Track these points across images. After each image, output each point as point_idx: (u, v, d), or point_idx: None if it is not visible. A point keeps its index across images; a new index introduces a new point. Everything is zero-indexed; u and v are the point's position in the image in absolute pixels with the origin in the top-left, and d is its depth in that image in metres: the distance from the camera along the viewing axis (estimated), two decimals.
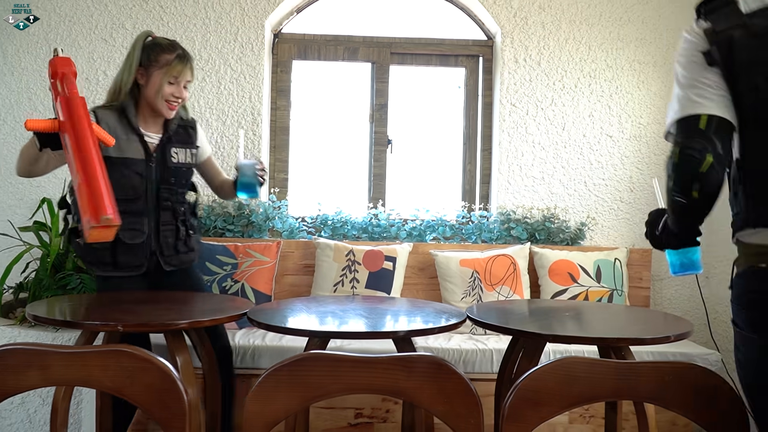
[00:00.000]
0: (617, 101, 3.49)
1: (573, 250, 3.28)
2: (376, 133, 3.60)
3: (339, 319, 2.03)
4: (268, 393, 1.37)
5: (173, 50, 2.25)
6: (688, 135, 1.31)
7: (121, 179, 2.19)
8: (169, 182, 2.31)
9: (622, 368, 1.36)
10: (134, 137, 2.25)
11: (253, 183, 2.38)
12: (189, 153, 2.39)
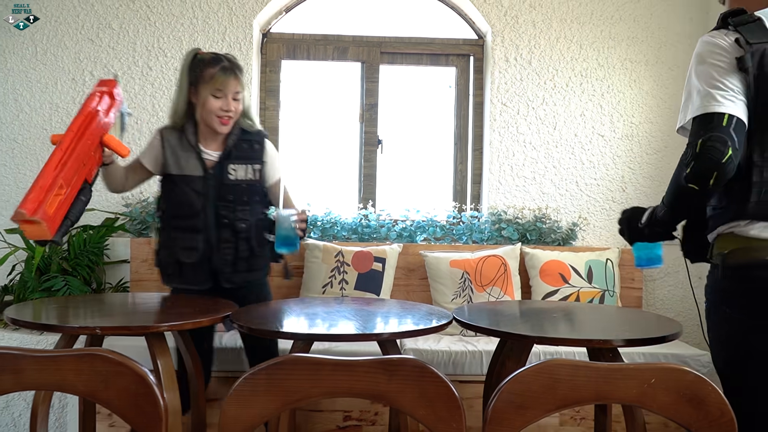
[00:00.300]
0: (609, 100, 3.46)
1: (564, 250, 3.25)
2: (366, 133, 3.57)
3: (324, 321, 1.99)
4: (245, 397, 1.33)
5: (217, 63, 2.20)
6: (711, 129, 1.41)
7: (181, 196, 2.21)
8: (227, 199, 2.23)
9: (606, 371, 1.33)
10: (192, 154, 2.23)
11: (291, 237, 2.12)
12: (250, 169, 2.27)
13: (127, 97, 3.36)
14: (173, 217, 2.26)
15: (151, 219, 3.29)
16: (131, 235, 3.30)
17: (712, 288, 1.61)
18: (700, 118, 1.46)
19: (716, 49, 1.50)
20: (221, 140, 2.26)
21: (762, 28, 1.47)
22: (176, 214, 2.24)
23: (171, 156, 2.24)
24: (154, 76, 3.37)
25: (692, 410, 1.31)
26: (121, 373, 1.37)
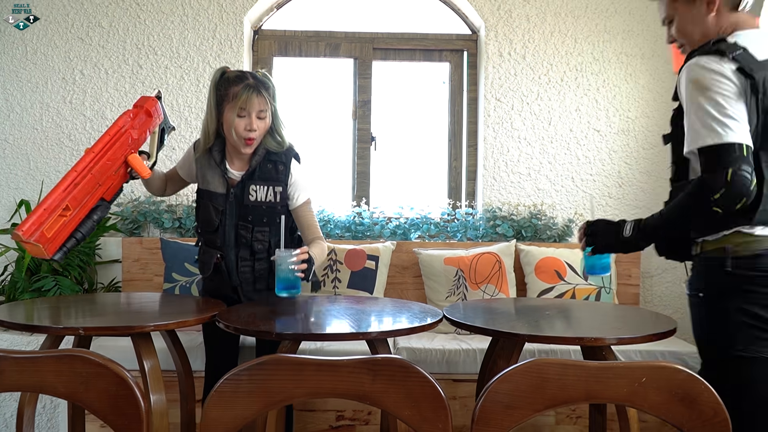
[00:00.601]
0: (604, 95, 3.42)
1: (560, 247, 3.21)
2: (359, 130, 3.54)
3: (312, 320, 1.96)
4: (226, 399, 1.30)
5: (241, 81, 2.14)
6: (737, 159, 1.55)
7: (204, 212, 2.25)
8: (246, 219, 2.23)
9: (595, 370, 1.30)
10: (218, 172, 2.24)
11: (291, 280, 2.01)
12: (272, 191, 2.22)
13: (117, 96, 3.33)
14: (201, 230, 2.32)
15: (143, 218, 3.26)
16: (123, 234, 3.28)
17: (709, 282, 1.69)
18: (720, 147, 1.56)
19: (722, 78, 1.60)
20: (246, 159, 2.23)
21: (753, 57, 1.61)
22: (202, 227, 2.29)
23: (200, 170, 2.27)
24: (145, 75, 3.34)
25: (684, 409, 1.28)
26: (101, 375, 1.34)
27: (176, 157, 3.30)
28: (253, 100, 2.10)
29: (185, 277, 3.02)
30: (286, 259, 2.03)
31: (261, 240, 2.24)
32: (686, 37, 1.76)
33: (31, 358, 1.38)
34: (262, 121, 2.15)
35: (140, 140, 2.13)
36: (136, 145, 2.10)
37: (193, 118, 3.34)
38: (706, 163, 1.59)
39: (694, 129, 1.61)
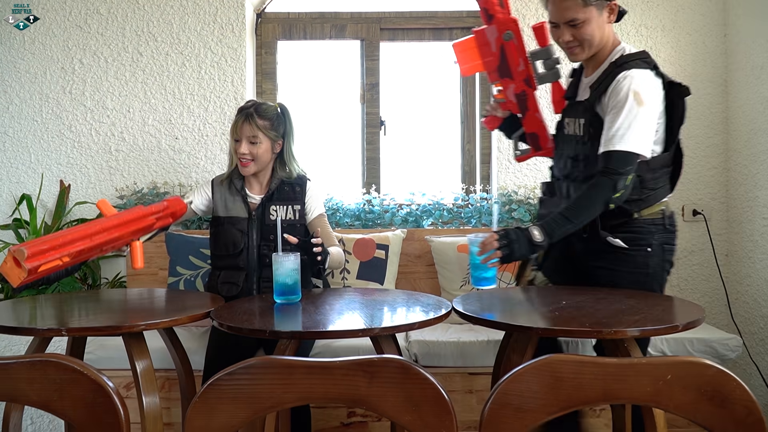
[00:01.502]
0: None
1: None
2: (367, 114, 3.41)
3: (311, 316, 1.84)
4: (210, 405, 1.19)
5: (242, 110, 2.38)
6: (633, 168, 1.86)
7: (227, 236, 2.35)
8: (268, 239, 2.35)
9: (614, 367, 1.17)
10: (239, 198, 2.40)
11: (289, 285, 1.95)
12: (291, 209, 2.38)
13: (118, 85, 3.24)
14: (220, 256, 2.38)
15: None
16: None
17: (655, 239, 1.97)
18: (631, 155, 1.84)
19: (658, 93, 1.91)
20: (264, 184, 2.43)
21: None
22: (222, 253, 2.36)
23: (220, 200, 2.41)
24: (145, 62, 3.24)
25: (714, 409, 1.15)
26: (76, 381, 1.24)
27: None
28: (244, 126, 2.32)
29: (190, 271, 2.92)
30: (284, 263, 1.94)
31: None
32: (587, 41, 1.91)
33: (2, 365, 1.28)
34: (255, 146, 2.32)
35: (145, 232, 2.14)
36: (140, 234, 2.09)
37: (196, 105, 3.24)
38: (617, 164, 1.83)
39: (619, 132, 1.82)
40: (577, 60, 2.01)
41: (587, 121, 1.95)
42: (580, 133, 1.97)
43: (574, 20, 1.89)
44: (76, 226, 1.86)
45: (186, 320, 1.82)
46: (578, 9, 1.87)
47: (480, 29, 2.17)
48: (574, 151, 2.00)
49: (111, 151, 3.24)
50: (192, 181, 3.23)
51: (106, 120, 3.24)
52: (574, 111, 2.03)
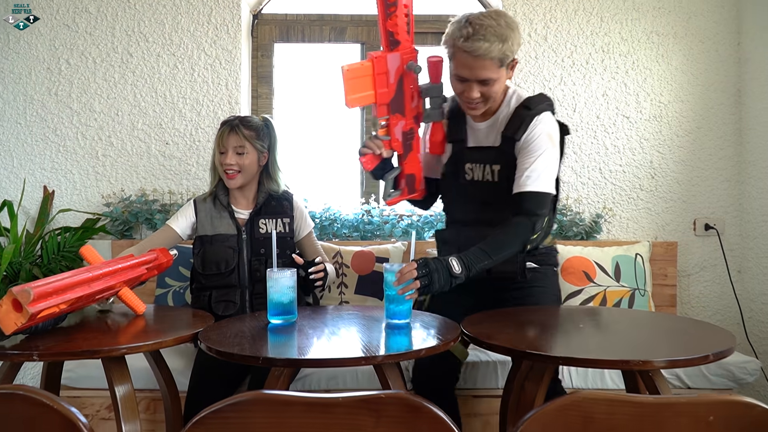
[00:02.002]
0: (634, 78, 3.13)
1: (588, 245, 2.93)
2: (367, 120, 3.27)
3: (309, 339, 1.69)
4: None
5: (226, 122, 2.32)
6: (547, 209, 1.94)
7: (216, 254, 2.26)
8: (259, 253, 2.28)
9: (651, 407, 1.03)
10: (225, 214, 2.32)
11: (285, 304, 1.82)
12: (280, 222, 2.33)
13: (107, 87, 3.09)
14: (209, 276, 2.27)
15: (134, 219, 3.01)
16: (113, 237, 3.04)
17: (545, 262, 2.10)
18: (547, 195, 1.90)
19: (558, 136, 1.97)
20: (251, 198, 2.35)
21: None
22: (213, 272, 2.26)
23: (206, 218, 2.32)
24: (135, 63, 3.09)
25: None
26: (44, 415, 1.10)
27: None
28: (230, 137, 2.26)
29: (179, 282, 2.78)
30: (279, 280, 1.81)
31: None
32: (492, 98, 1.92)
33: None
34: (242, 157, 2.26)
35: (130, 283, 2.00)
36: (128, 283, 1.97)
37: (188, 110, 3.09)
38: (535, 205, 1.85)
39: (536, 173, 1.86)
40: (475, 114, 1.97)
41: (503, 167, 1.95)
42: (493, 179, 1.97)
43: (487, 80, 1.86)
44: (72, 271, 1.72)
45: (171, 343, 1.68)
46: (494, 70, 1.85)
47: (380, 55, 1.92)
48: (485, 197, 2.00)
49: (98, 156, 3.10)
50: (183, 188, 3.09)
51: (93, 123, 3.09)
52: (481, 156, 2.00)
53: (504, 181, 1.94)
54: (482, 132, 2.02)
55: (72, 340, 1.65)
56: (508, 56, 1.85)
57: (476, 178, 1.99)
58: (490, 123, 2.00)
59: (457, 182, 2.05)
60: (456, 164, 2.03)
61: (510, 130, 1.93)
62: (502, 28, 1.82)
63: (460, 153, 2.03)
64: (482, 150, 2.00)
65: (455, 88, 1.94)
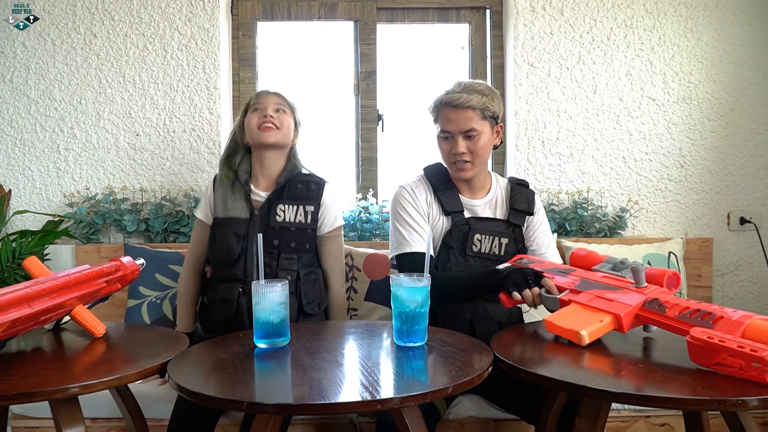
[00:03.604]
0: (660, 55, 2.81)
1: (615, 242, 2.62)
2: (362, 107, 2.93)
3: (305, 372, 1.34)
4: None
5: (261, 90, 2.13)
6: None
7: (221, 242, 1.99)
8: (271, 245, 1.97)
9: None
10: (240, 194, 2.03)
11: (273, 324, 1.48)
12: (302, 211, 2.02)
13: (68, 72, 2.73)
14: (217, 266, 2.03)
15: (101, 221, 2.66)
16: (77, 241, 2.68)
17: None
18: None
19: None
20: (273, 179, 2.06)
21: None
22: (217, 262, 2.01)
23: (220, 199, 2.05)
24: (100, 45, 2.73)
25: None
26: None
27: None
28: (269, 96, 2.06)
29: (155, 292, 2.44)
30: (267, 294, 1.48)
31: (288, 269, 1.98)
32: (479, 157, 1.90)
33: None
34: (283, 115, 2.05)
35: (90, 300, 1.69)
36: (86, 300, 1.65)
37: (160, 96, 2.74)
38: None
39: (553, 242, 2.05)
40: (464, 177, 1.95)
41: (510, 242, 1.95)
42: (499, 252, 1.94)
43: (471, 131, 1.88)
44: (7, 288, 1.40)
45: (133, 377, 1.33)
46: (477, 120, 1.88)
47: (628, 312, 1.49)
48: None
49: (59, 150, 2.73)
50: (156, 185, 2.73)
51: (54, 114, 2.73)
52: (492, 228, 1.96)
53: (507, 256, 1.93)
54: (480, 208, 1.99)
55: (7, 378, 1.30)
56: (489, 109, 1.88)
57: (484, 251, 1.94)
58: (488, 200, 2.00)
59: (460, 254, 1.94)
60: (460, 235, 1.95)
61: (521, 205, 1.99)
62: (482, 86, 1.91)
63: (466, 224, 1.95)
64: (492, 222, 1.97)
65: (442, 150, 1.96)
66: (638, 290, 1.47)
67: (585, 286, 1.58)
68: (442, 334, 1.62)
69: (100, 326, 1.63)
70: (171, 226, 2.67)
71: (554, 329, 1.48)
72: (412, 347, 1.48)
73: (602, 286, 1.55)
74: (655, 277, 1.50)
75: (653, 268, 1.53)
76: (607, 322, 1.42)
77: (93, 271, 1.64)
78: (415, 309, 1.48)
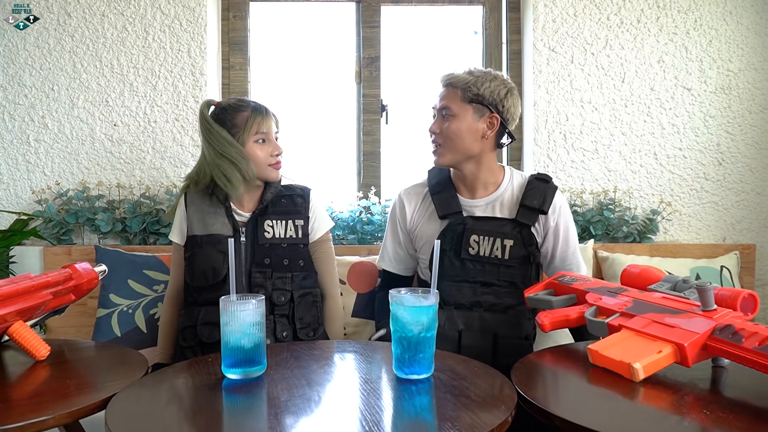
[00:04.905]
0: (696, 40, 2.52)
1: (651, 251, 2.34)
2: (365, 96, 2.66)
3: (283, 414, 1.07)
4: None
5: (246, 105, 1.83)
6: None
7: (205, 262, 1.78)
8: (262, 264, 1.79)
9: None
10: (221, 210, 1.83)
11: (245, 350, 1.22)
12: (291, 225, 1.84)
13: (39, 55, 2.46)
14: (198, 289, 1.80)
15: (73, 220, 2.39)
16: (47, 242, 2.42)
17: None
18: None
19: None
20: (257, 196, 1.87)
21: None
22: (201, 284, 1.79)
23: (195, 214, 1.84)
24: (75, 26, 2.47)
25: None
26: None
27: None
28: (269, 120, 1.84)
29: (128, 300, 2.18)
30: (238, 314, 1.22)
31: (282, 289, 1.80)
32: (451, 143, 1.73)
33: None
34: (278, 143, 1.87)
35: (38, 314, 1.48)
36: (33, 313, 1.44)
37: (140, 82, 2.47)
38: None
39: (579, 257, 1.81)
40: (437, 163, 1.80)
41: (516, 244, 1.71)
42: (502, 255, 1.70)
43: (444, 109, 1.75)
44: None
45: (65, 419, 1.07)
46: (455, 100, 1.73)
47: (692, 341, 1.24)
48: (488, 277, 1.71)
49: (29, 142, 2.47)
50: (135, 181, 2.47)
51: (23, 101, 2.47)
52: (492, 228, 1.72)
53: (513, 260, 1.70)
54: (479, 209, 1.78)
55: None
56: (471, 90, 1.71)
57: (483, 253, 1.72)
58: (491, 199, 1.78)
59: (455, 257, 1.73)
60: (454, 236, 1.74)
61: (533, 201, 1.73)
62: (479, 70, 1.75)
63: (462, 224, 1.75)
64: (494, 222, 1.74)
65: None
66: (705, 314, 1.19)
67: (639, 308, 1.30)
68: (452, 361, 1.34)
69: (42, 347, 1.37)
70: (150, 227, 2.40)
71: (600, 360, 1.21)
72: (415, 380, 1.21)
73: (660, 308, 1.27)
74: (726, 299, 1.22)
75: (724, 287, 1.25)
76: (666, 353, 1.14)
77: (35, 282, 1.38)
78: (420, 333, 1.21)
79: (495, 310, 1.69)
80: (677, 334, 1.17)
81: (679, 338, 1.16)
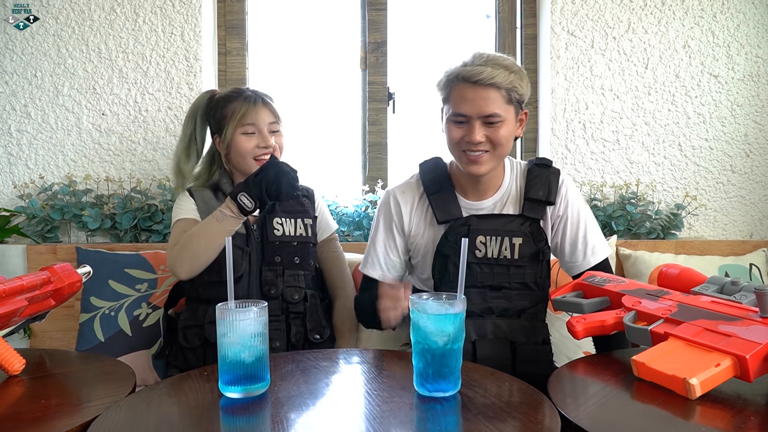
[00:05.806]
0: (724, 25, 2.37)
1: (682, 250, 2.21)
2: (371, 84, 2.50)
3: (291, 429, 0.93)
4: None
5: (238, 94, 1.76)
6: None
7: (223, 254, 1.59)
8: (273, 262, 1.73)
9: None
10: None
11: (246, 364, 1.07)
12: (301, 224, 1.78)
13: (21, 39, 2.30)
14: (207, 284, 1.70)
15: (59, 216, 2.23)
16: (30, 240, 2.26)
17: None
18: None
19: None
20: None
21: None
22: (213, 279, 1.67)
23: (205, 210, 1.76)
24: (59, 7, 2.30)
25: None
26: None
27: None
28: (260, 111, 1.73)
29: (108, 302, 2.03)
30: (238, 324, 1.07)
31: (296, 286, 1.74)
32: (500, 149, 1.52)
33: None
34: (277, 136, 1.77)
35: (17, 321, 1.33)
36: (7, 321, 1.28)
37: (130, 69, 2.31)
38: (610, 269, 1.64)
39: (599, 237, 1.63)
40: (477, 172, 1.53)
41: (525, 241, 1.55)
42: (512, 255, 1.55)
43: (493, 116, 1.48)
44: None
45: None
46: (501, 103, 1.48)
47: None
48: (498, 280, 1.56)
49: (10, 132, 2.31)
50: (125, 174, 2.31)
51: (4, 88, 2.31)
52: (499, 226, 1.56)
53: (524, 259, 1.55)
54: (486, 210, 1.62)
55: None
56: (517, 90, 1.49)
57: (491, 255, 1.55)
58: (497, 199, 1.62)
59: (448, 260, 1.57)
60: (458, 239, 1.53)
61: (537, 192, 1.58)
62: (508, 61, 1.51)
63: (466, 225, 1.57)
64: (500, 219, 1.58)
65: (452, 137, 1.54)
66: (765, 321, 1.04)
67: (686, 314, 1.15)
68: (479, 374, 1.20)
69: (15, 360, 1.22)
70: (141, 223, 2.25)
71: (649, 374, 1.06)
72: (440, 398, 1.06)
73: (711, 314, 1.12)
74: None
75: None
76: (725, 366, 1.00)
77: (6, 287, 1.22)
78: (446, 345, 1.07)
79: (508, 315, 1.56)
80: (736, 344, 1.03)
81: (739, 349, 1.01)
